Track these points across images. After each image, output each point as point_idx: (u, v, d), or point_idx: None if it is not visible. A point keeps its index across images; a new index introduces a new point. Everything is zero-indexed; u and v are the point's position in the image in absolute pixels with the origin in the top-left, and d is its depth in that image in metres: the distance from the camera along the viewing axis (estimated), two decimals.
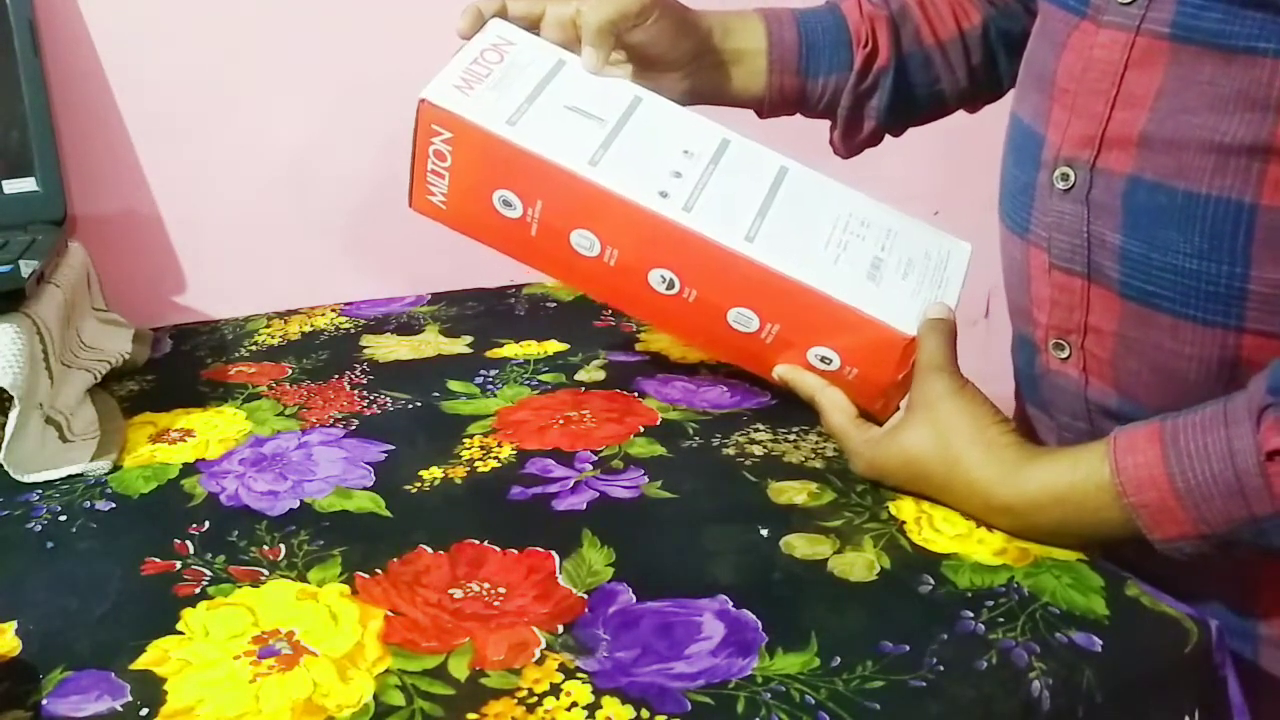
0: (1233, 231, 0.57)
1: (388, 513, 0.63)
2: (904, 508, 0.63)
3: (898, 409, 0.67)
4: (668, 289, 0.69)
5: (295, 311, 0.95)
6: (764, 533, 0.60)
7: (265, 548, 0.60)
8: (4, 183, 0.86)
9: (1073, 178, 0.63)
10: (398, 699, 0.49)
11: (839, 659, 0.51)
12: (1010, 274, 0.71)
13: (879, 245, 0.70)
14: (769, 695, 0.49)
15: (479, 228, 0.72)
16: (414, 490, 0.65)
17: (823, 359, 0.69)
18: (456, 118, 0.68)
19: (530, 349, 0.85)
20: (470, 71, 0.70)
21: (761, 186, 0.71)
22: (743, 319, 0.69)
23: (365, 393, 0.78)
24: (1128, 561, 0.59)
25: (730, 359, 0.76)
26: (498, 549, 0.59)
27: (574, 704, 0.49)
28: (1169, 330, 0.60)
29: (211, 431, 0.73)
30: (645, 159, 0.69)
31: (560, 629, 0.53)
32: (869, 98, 0.78)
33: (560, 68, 0.72)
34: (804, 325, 0.68)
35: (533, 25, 0.73)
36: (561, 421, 0.72)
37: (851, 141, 0.81)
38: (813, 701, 0.49)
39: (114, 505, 0.65)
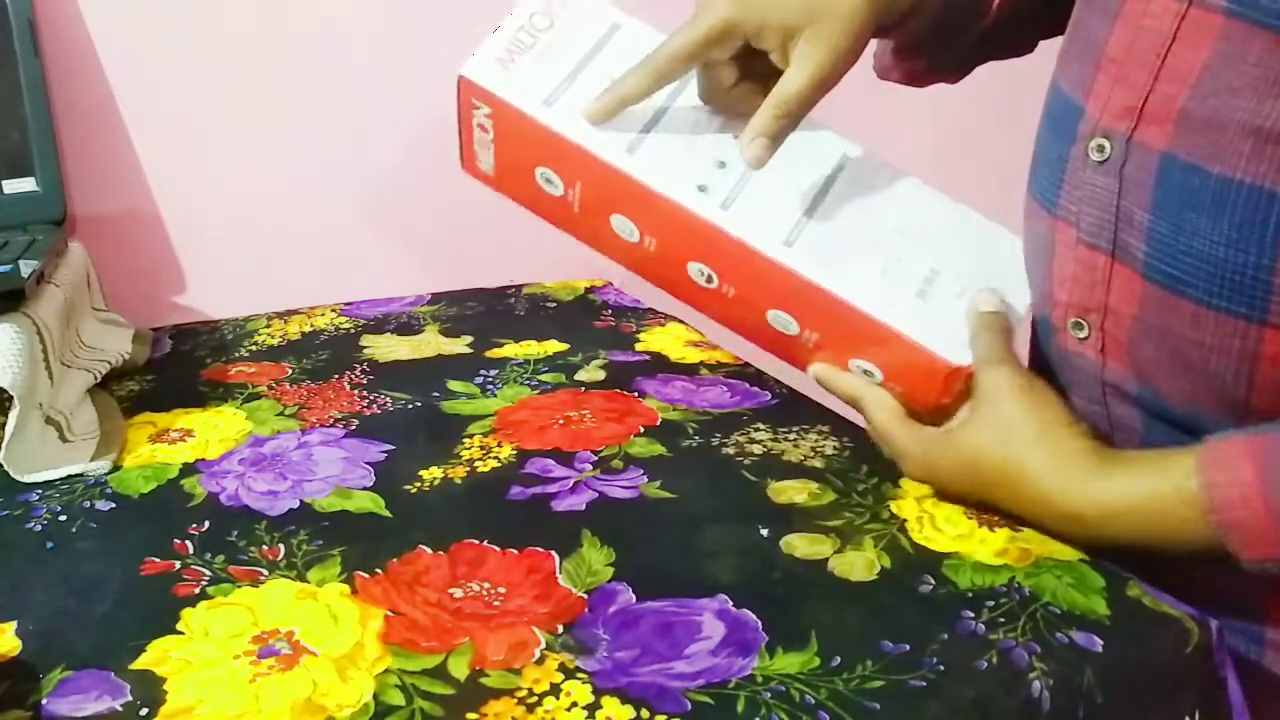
0: (1263, 221, 0.55)
1: (388, 513, 0.63)
2: (905, 507, 0.63)
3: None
4: (707, 282, 0.67)
5: (295, 311, 0.95)
6: (764, 532, 0.60)
7: (265, 548, 0.60)
8: (4, 183, 0.86)
9: (1108, 149, 0.60)
10: (397, 699, 0.49)
11: (839, 659, 0.51)
12: (1032, 252, 0.69)
13: (937, 254, 0.65)
14: (769, 695, 0.49)
15: (526, 199, 0.71)
16: (414, 490, 0.65)
17: (865, 371, 0.66)
18: (493, 96, 0.65)
19: (530, 349, 0.85)
20: (516, 40, 0.67)
21: (816, 179, 0.66)
22: (782, 321, 0.66)
23: (365, 393, 0.78)
24: (1137, 560, 0.58)
25: (776, 355, 0.73)
26: (497, 549, 0.59)
27: (574, 704, 0.49)
28: (1190, 317, 0.59)
29: (211, 431, 0.73)
30: (689, 145, 0.65)
31: (560, 629, 0.53)
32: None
33: (613, 34, 0.68)
34: (844, 338, 0.65)
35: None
36: (561, 421, 0.72)
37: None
38: (812, 701, 0.49)
39: (114, 505, 0.65)
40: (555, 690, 0.49)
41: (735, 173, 0.65)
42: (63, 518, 0.63)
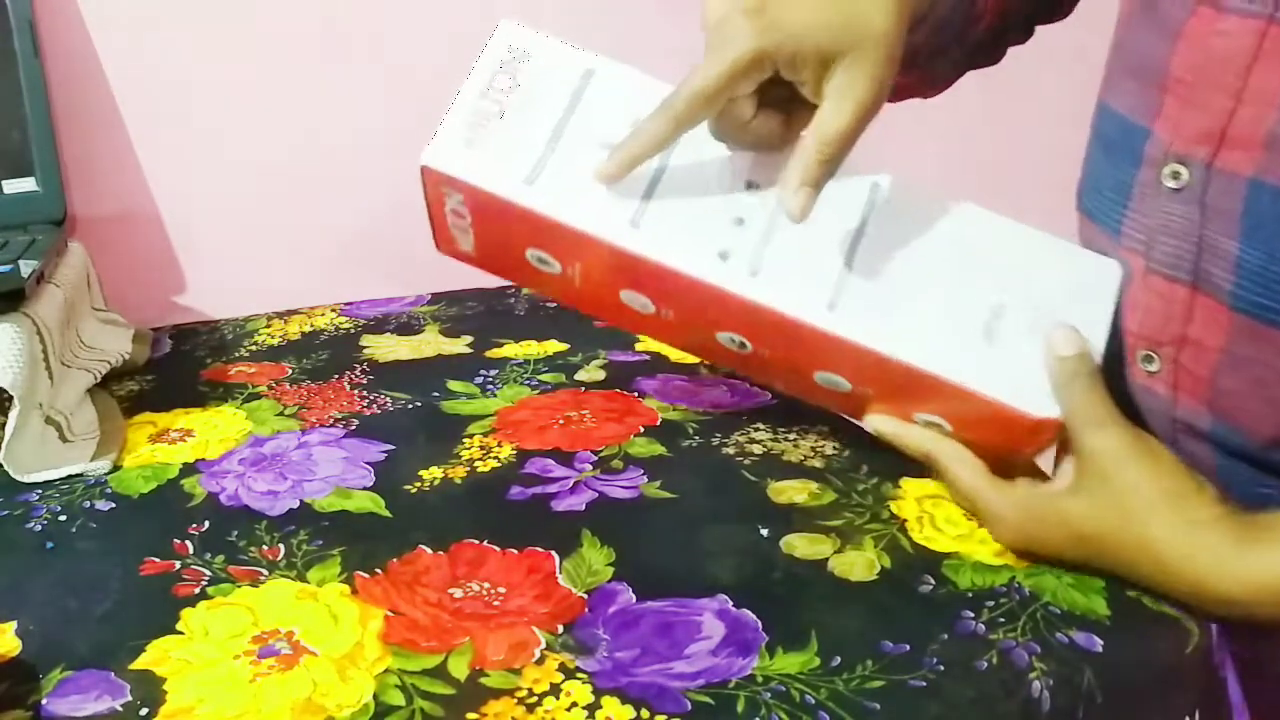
0: None
1: (388, 513, 0.63)
2: (905, 507, 0.63)
3: (1039, 474, 0.59)
4: (740, 349, 0.61)
5: (295, 311, 0.95)
6: (764, 532, 0.60)
7: (265, 547, 0.60)
8: (4, 183, 0.86)
9: (1185, 176, 0.57)
10: (398, 699, 0.49)
11: (839, 659, 0.51)
12: None
13: (1000, 285, 0.58)
14: (769, 695, 0.49)
15: (518, 278, 0.64)
16: (414, 490, 0.65)
17: (931, 423, 0.60)
18: (464, 183, 0.58)
19: (530, 349, 0.85)
20: (478, 111, 0.58)
21: (848, 221, 0.59)
22: (832, 381, 0.61)
23: (365, 393, 0.78)
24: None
25: (825, 407, 0.67)
26: (497, 549, 0.59)
27: (574, 704, 0.49)
28: None
29: (211, 431, 0.73)
30: (699, 206, 0.58)
31: (560, 629, 0.53)
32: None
33: (588, 82, 0.60)
34: (905, 395, 0.59)
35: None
36: (561, 421, 0.72)
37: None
38: (813, 701, 0.49)
39: (114, 505, 0.65)
40: (555, 690, 0.49)
41: (757, 230, 0.58)
42: (63, 518, 0.63)
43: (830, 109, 0.55)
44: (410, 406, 0.76)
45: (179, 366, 0.85)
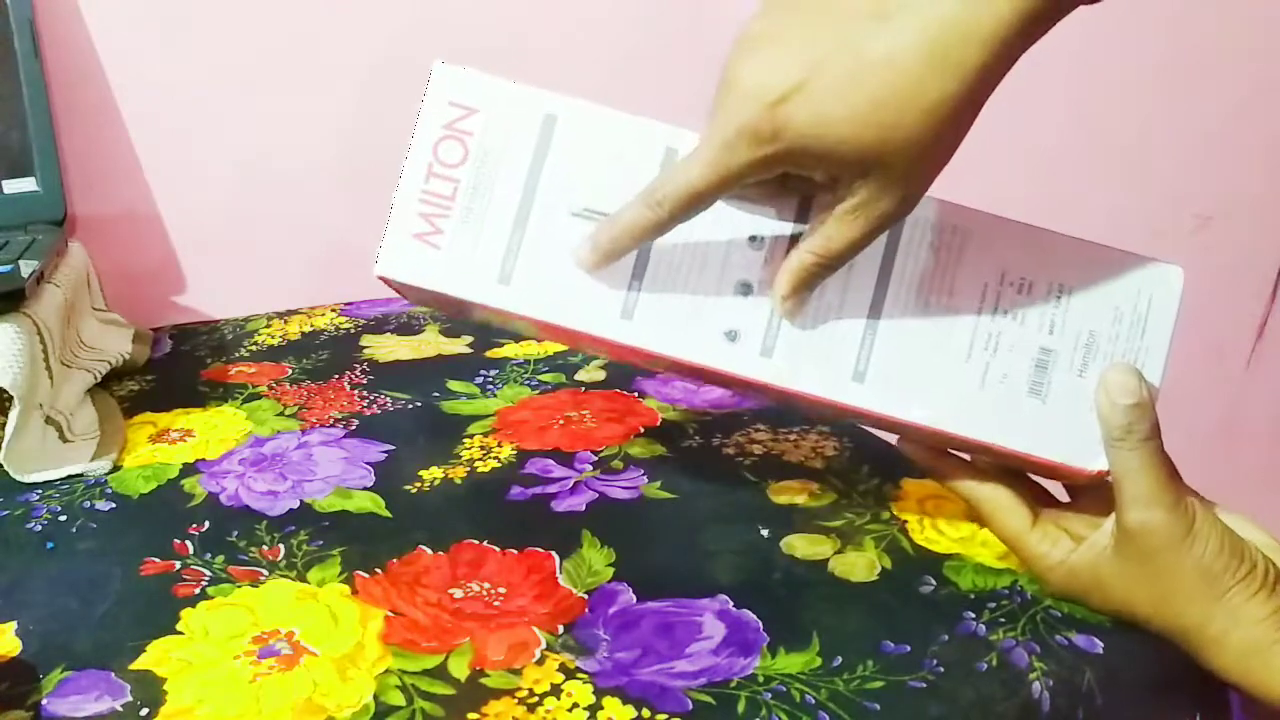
0: None
1: (388, 513, 0.63)
2: (906, 508, 0.63)
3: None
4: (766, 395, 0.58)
5: (295, 311, 0.95)
6: (764, 533, 0.60)
7: (265, 548, 0.60)
8: (4, 183, 0.86)
9: None
10: (398, 699, 0.49)
11: (840, 659, 0.51)
12: None
13: (1045, 322, 0.51)
14: (769, 695, 0.49)
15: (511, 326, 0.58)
16: (414, 490, 0.65)
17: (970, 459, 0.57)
18: (430, 292, 0.51)
19: (530, 349, 0.85)
20: (429, 195, 0.51)
21: (868, 270, 0.51)
22: (865, 424, 0.58)
23: (365, 393, 0.78)
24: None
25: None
26: (497, 549, 0.59)
27: (575, 704, 0.49)
28: None
29: (211, 431, 0.73)
30: (698, 274, 0.51)
31: (560, 629, 0.53)
32: None
33: (551, 131, 0.51)
34: (945, 444, 0.55)
35: None
36: (561, 421, 0.72)
37: None
38: (813, 701, 0.49)
39: (114, 505, 0.65)
40: (556, 691, 0.49)
41: (766, 301, 0.51)
42: (63, 518, 0.63)
43: (841, 223, 0.48)
44: (410, 406, 0.76)
45: (179, 366, 0.85)
